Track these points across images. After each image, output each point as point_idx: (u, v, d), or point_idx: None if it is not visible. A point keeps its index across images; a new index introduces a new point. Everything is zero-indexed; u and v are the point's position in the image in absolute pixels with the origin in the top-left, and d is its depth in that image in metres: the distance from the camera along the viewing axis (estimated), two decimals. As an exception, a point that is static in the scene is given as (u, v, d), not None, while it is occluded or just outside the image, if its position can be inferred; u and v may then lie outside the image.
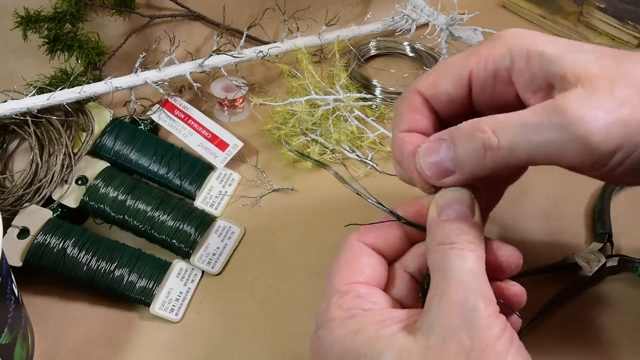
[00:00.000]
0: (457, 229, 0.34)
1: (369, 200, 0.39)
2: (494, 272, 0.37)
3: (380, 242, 0.38)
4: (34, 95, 0.57)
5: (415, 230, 0.38)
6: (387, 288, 0.37)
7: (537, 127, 0.32)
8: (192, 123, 0.63)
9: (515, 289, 0.37)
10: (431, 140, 0.36)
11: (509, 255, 0.37)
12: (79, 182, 0.56)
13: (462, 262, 0.33)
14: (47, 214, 0.53)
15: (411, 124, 0.38)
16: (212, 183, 0.59)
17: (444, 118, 0.39)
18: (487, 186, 0.40)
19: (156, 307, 0.50)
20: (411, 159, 0.37)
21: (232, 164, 0.61)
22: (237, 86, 0.65)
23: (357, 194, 0.40)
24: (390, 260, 0.38)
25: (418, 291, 0.37)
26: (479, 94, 0.37)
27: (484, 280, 0.33)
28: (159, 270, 0.52)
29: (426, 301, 0.33)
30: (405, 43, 0.76)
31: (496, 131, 0.33)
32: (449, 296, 0.32)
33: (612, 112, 0.31)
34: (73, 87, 0.58)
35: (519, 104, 0.36)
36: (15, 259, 0.49)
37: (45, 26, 0.62)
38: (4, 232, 0.50)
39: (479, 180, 0.36)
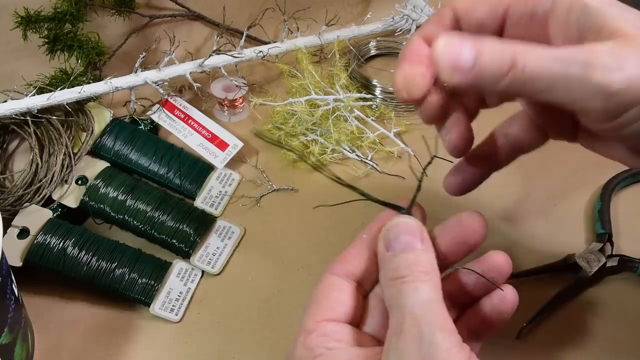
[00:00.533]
0: (407, 260, 0.33)
1: (341, 182, 0.39)
2: (452, 258, 0.37)
3: (355, 268, 0.37)
4: (34, 95, 0.57)
5: None
6: (363, 321, 0.36)
7: (564, 61, 0.31)
8: (192, 123, 0.63)
9: (496, 257, 0.37)
10: (455, 34, 0.34)
11: (473, 219, 0.37)
12: (79, 182, 0.56)
13: (415, 295, 0.32)
14: (47, 214, 0.53)
15: (429, 33, 0.37)
16: (212, 183, 0.59)
17: None
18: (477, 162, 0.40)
19: (156, 307, 0.50)
20: (421, 52, 0.36)
21: (232, 164, 0.61)
22: (237, 86, 0.65)
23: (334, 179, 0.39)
24: (370, 287, 0.37)
25: None
26: (511, 28, 0.36)
27: (441, 310, 0.31)
28: (159, 270, 0.52)
29: (385, 341, 0.32)
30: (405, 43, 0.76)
31: (527, 53, 0.32)
32: (405, 333, 0.30)
33: (637, 67, 0.30)
34: (73, 87, 0.58)
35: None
36: (15, 259, 0.49)
37: (45, 26, 0.62)
38: (4, 232, 0.50)
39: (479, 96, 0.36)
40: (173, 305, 0.50)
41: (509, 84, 0.32)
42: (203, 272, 0.53)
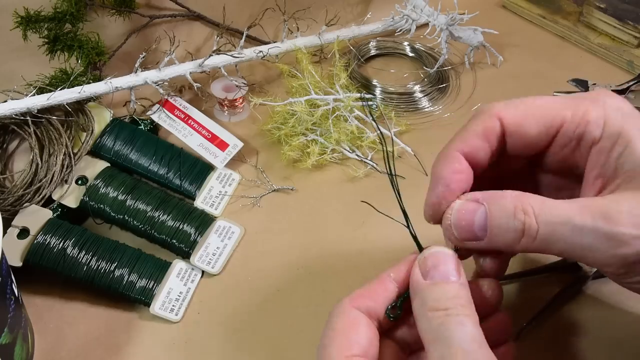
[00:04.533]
0: (448, 292, 0.33)
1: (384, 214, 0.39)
2: (486, 309, 0.36)
3: (378, 307, 0.35)
4: (34, 95, 0.57)
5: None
6: None
7: (581, 230, 0.31)
8: (192, 123, 0.63)
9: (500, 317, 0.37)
10: (468, 198, 0.35)
11: (492, 290, 0.37)
12: (79, 182, 0.56)
13: (462, 329, 0.31)
14: (47, 214, 0.53)
15: (472, 149, 0.36)
16: (212, 183, 0.59)
17: (510, 154, 0.37)
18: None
19: (156, 307, 0.50)
20: (442, 200, 0.36)
21: (232, 164, 0.61)
22: (237, 86, 0.65)
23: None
24: (386, 328, 0.36)
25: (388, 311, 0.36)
26: (556, 149, 0.36)
27: (487, 347, 0.31)
28: (159, 270, 0.52)
29: None
30: (405, 43, 0.76)
31: (538, 217, 0.32)
32: None
33: None
34: (73, 87, 0.58)
35: (581, 176, 0.35)
36: (15, 259, 0.49)
37: (45, 26, 0.62)
38: (4, 232, 0.50)
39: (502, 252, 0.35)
40: (173, 305, 0.50)
41: (524, 248, 0.32)
42: (203, 272, 0.53)
